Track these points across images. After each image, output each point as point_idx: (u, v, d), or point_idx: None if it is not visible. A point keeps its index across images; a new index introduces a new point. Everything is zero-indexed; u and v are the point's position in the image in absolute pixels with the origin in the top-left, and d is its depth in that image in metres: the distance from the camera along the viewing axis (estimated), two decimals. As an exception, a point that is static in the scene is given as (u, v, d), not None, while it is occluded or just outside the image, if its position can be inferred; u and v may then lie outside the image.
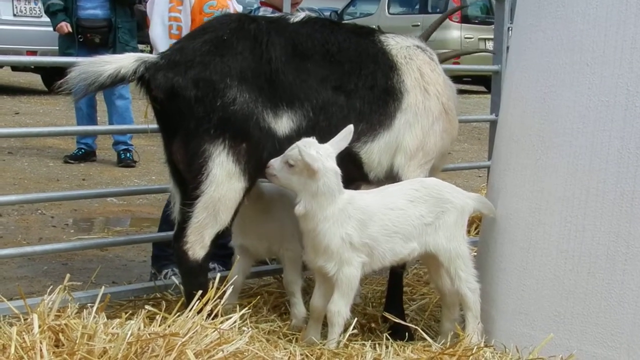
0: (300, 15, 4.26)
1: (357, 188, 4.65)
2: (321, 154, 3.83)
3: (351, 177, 4.28)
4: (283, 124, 4.01)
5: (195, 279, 4.05)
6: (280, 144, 4.00)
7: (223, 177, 3.93)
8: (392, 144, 4.25)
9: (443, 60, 5.14)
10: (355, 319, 4.12)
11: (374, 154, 4.22)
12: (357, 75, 4.17)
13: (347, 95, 4.13)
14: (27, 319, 3.57)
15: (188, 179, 4.02)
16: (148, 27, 5.28)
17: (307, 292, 4.57)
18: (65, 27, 9.15)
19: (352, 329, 4.00)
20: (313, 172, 3.80)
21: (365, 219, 3.95)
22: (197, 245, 4.01)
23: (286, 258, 4.47)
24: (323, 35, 4.19)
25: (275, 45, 4.02)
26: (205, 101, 3.88)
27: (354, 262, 3.93)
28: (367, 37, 4.36)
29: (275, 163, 3.93)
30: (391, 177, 4.33)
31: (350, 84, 4.15)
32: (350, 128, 3.94)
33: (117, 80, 3.87)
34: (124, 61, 3.89)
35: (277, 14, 5.10)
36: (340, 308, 3.96)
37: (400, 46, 4.37)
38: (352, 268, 3.93)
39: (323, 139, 4.02)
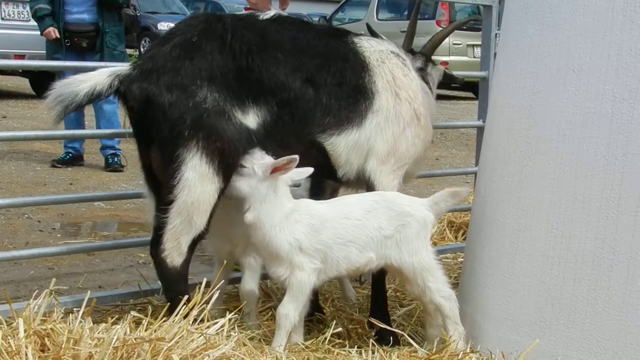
0: (270, 13, 4.29)
1: (333, 195, 4.69)
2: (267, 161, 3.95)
3: (320, 169, 4.26)
4: (250, 119, 4.01)
5: (175, 286, 4.06)
6: (253, 140, 4.00)
7: (195, 180, 3.91)
8: (362, 145, 4.27)
9: (439, 39, 5.17)
10: (334, 321, 4.16)
11: (340, 147, 4.23)
12: (326, 71, 4.19)
13: (315, 89, 4.14)
14: (12, 323, 3.55)
15: (164, 185, 4.01)
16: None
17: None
18: (53, 32, 9.11)
19: (333, 329, 4.04)
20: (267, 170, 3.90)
21: (316, 225, 3.97)
22: (175, 252, 4.01)
23: (246, 265, 4.42)
24: (292, 32, 4.21)
25: (242, 42, 4.03)
26: (178, 103, 3.88)
27: (306, 267, 3.95)
28: (340, 38, 4.41)
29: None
30: (364, 181, 4.36)
31: (319, 78, 4.16)
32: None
33: (94, 97, 3.91)
34: (98, 78, 3.91)
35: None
36: (288, 311, 3.95)
37: (373, 49, 4.41)
38: (304, 273, 3.94)
39: (285, 132, 4.07)
